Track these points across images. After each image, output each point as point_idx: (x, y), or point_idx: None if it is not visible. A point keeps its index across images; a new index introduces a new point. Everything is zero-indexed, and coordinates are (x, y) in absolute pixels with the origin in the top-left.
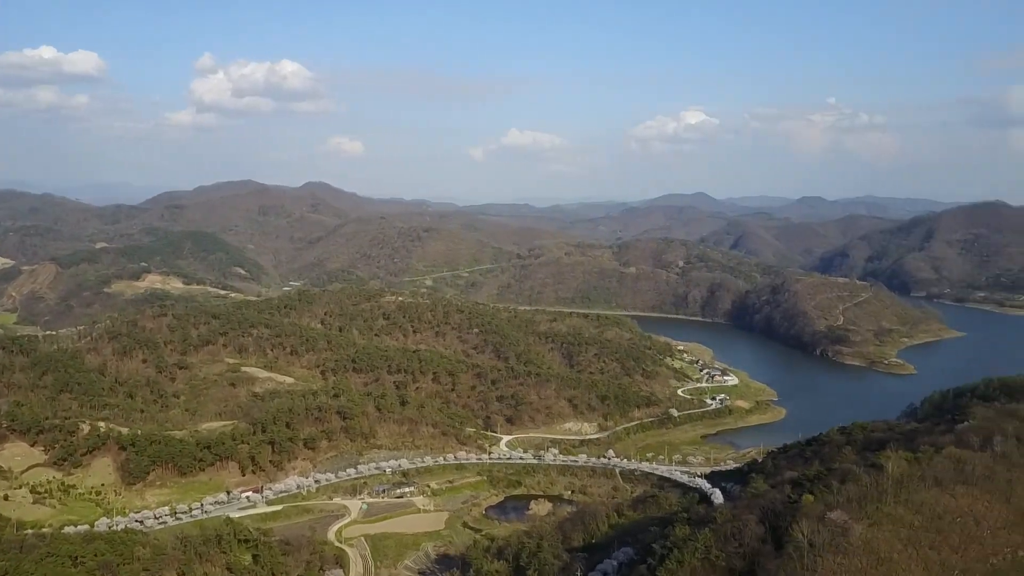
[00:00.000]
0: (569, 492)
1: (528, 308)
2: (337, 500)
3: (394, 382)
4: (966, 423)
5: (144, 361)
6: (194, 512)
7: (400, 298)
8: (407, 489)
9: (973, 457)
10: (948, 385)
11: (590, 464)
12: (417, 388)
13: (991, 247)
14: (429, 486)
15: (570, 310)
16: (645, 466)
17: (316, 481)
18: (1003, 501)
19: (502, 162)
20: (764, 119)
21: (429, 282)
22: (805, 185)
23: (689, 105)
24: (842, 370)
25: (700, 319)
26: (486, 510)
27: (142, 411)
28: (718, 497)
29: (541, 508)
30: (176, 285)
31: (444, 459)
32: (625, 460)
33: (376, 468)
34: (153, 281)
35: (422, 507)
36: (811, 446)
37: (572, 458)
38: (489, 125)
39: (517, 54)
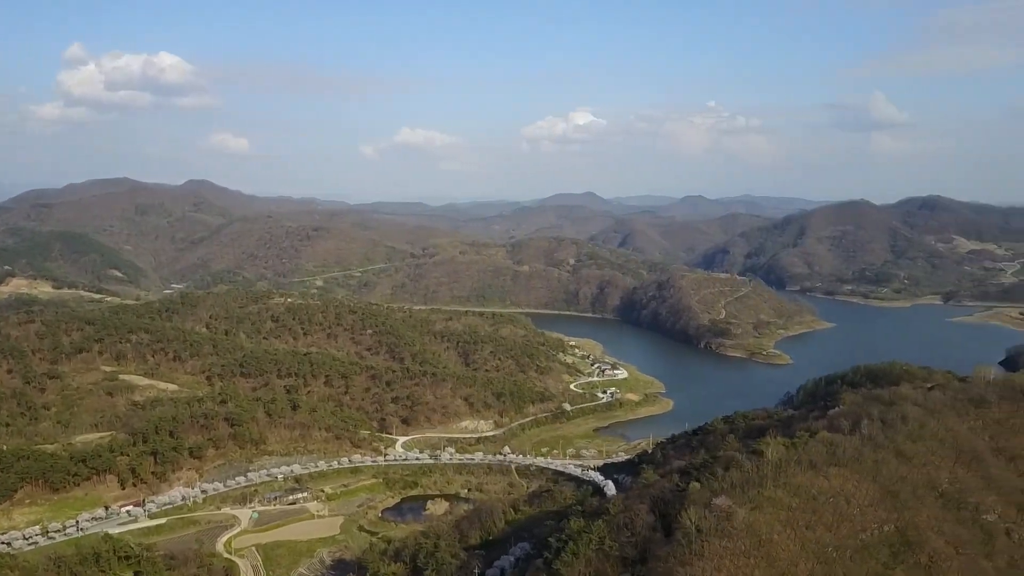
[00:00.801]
0: (466, 490)
1: (423, 308)
2: (226, 510)
3: (284, 386)
4: (837, 408)
5: (9, 371)
6: (69, 530)
7: (289, 299)
8: (300, 495)
9: (844, 440)
10: (821, 373)
11: (486, 462)
12: (309, 392)
13: (857, 243)
14: (323, 491)
15: (465, 309)
16: (540, 461)
17: (203, 491)
18: (871, 480)
19: (395, 160)
20: (649, 120)
21: (320, 283)
22: (688, 184)
23: (577, 106)
24: (725, 362)
25: (591, 315)
26: (382, 512)
27: (7, 425)
28: (611, 489)
29: (438, 508)
30: (45, 289)
31: (338, 463)
32: (521, 456)
33: (267, 475)
34: (18, 285)
35: (316, 513)
36: (697, 436)
37: (468, 456)
38: (382, 123)
39: (411, 52)
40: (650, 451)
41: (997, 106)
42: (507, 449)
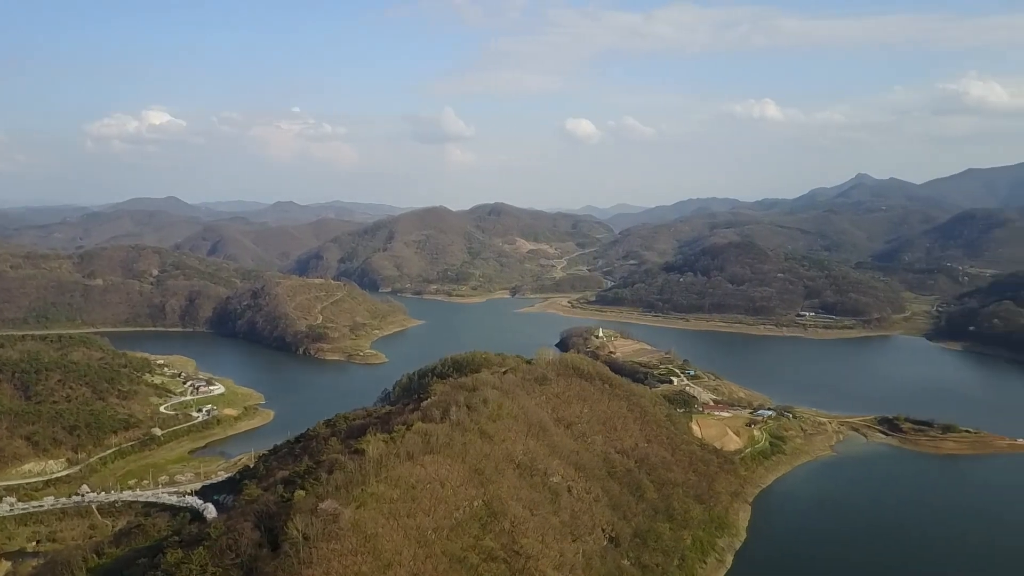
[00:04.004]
0: (34, 543)
1: None
2: None
3: None
4: (429, 400)
5: None
6: None
7: None
8: None
9: (436, 429)
10: (414, 368)
11: (59, 506)
12: None
13: (439, 246)
14: None
15: (22, 332)
16: (127, 495)
17: None
18: (461, 462)
19: None
20: (234, 124)
21: None
22: (279, 190)
23: (151, 104)
24: (324, 366)
25: (180, 329)
26: None
27: None
28: (211, 512)
29: None
30: None
31: None
32: (103, 493)
33: None
34: None
35: None
36: (300, 443)
37: (36, 503)
38: None
39: None
40: (252, 465)
41: (546, 126)
42: (85, 488)
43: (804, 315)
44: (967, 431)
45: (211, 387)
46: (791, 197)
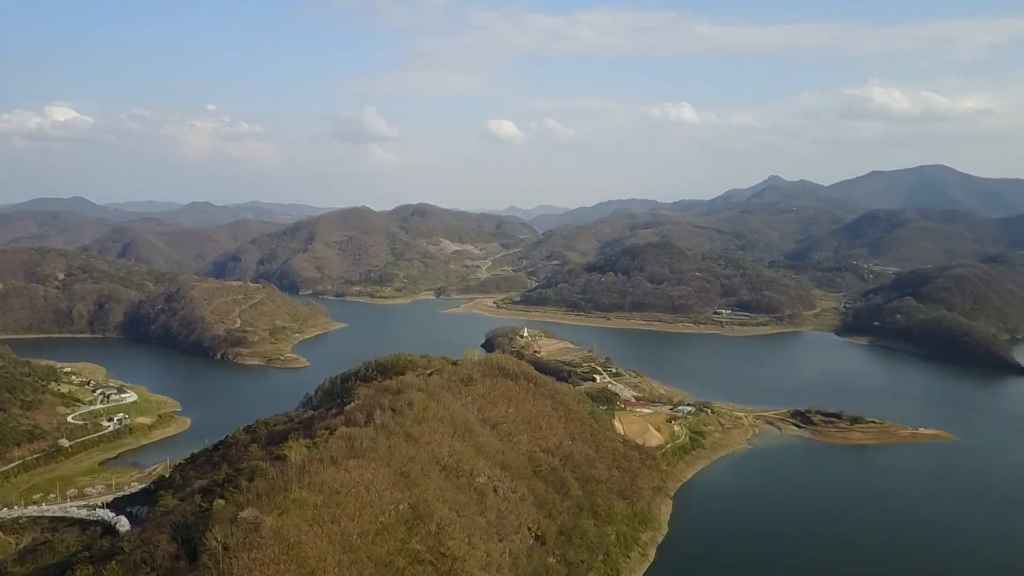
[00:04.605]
0: None
1: None
2: None
3: None
4: (353, 403)
5: None
6: None
7: None
8: None
9: (360, 432)
10: (337, 372)
11: None
12: None
13: (361, 247)
14: None
15: None
16: (32, 510)
17: None
18: (386, 465)
19: None
20: (145, 122)
21: None
22: (194, 191)
23: (55, 100)
24: (244, 371)
25: (89, 335)
26: None
27: None
28: (124, 525)
29: None
30: None
31: None
32: (5, 509)
33: None
34: None
35: None
36: (219, 451)
37: None
38: None
39: None
40: (168, 475)
41: (470, 127)
42: None
43: (721, 313)
44: (873, 422)
45: (123, 395)
46: (707, 198)
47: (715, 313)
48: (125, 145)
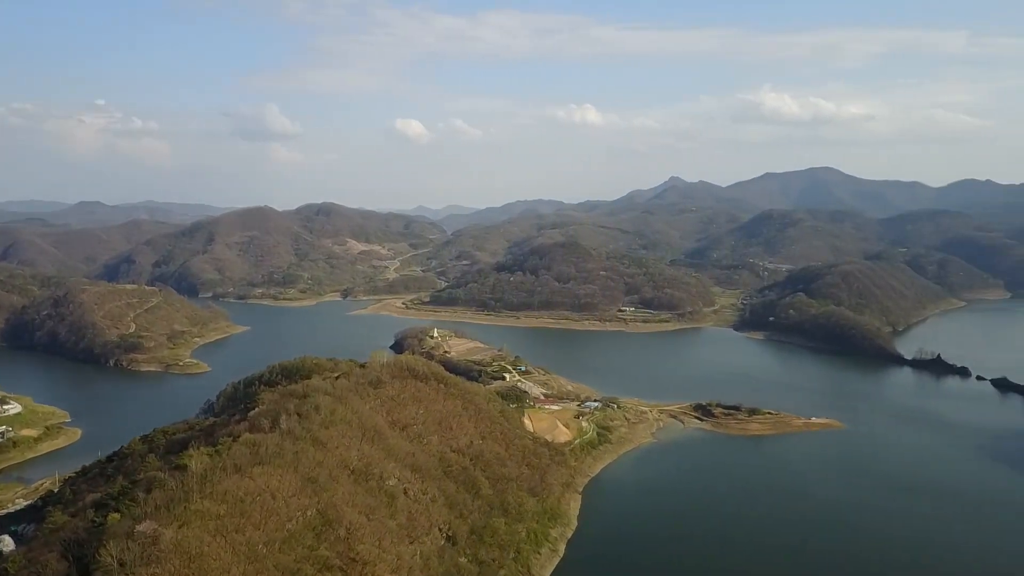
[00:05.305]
0: None
1: None
2: None
3: None
4: (257, 409)
5: None
6: None
7: None
8: None
9: (266, 439)
10: (239, 377)
11: None
12: None
13: (264, 248)
14: None
15: None
16: None
17: None
18: (293, 471)
19: None
20: (28, 116)
21: None
22: (83, 190)
23: None
24: (139, 378)
25: None
26: None
27: None
28: (8, 544)
29: None
30: None
31: None
32: None
33: None
34: None
35: None
36: (113, 462)
37: None
38: None
39: None
40: (57, 490)
41: (376, 126)
42: None
43: (625, 310)
44: (769, 413)
45: (5, 406)
46: (611, 199)
47: (619, 311)
48: (5, 141)
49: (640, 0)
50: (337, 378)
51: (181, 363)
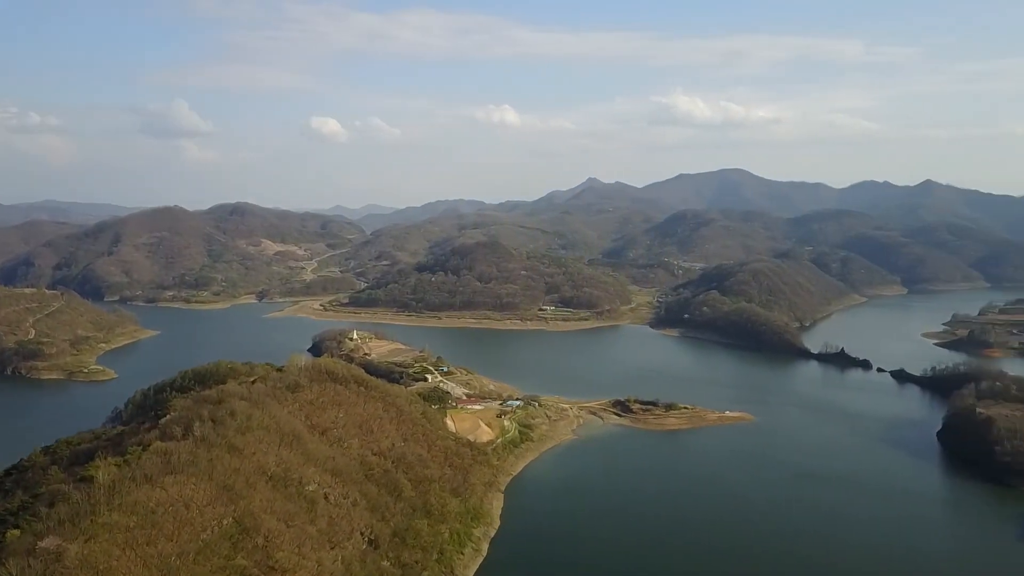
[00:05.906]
0: None
1: None
2: None
3: None
4: (168, 416)
5: None
6: None
7: None
8: None
9: (178, 447)
10: (149, 383)
11: None
12: None
13: (174, 249)
14: None
15: None
16: None
17: None
18: (207, 480)
19: None
20: None
21: None
22: None
23: None
24: (40, 386)
25: None
26: None
27: None
28: None
29: None
30: None
31: None
32: None
33: None
34: None
35: None
36: (11, 476)
37: None
38: None
39: None
40: None
41: (291, 124)
42: None
43: (545, 309)
44: (685, 408)
45: None
46: (531, 199)
47: (540, 310)
48: None
49: (555, 3)
50: (253, 382)
51: (86, 370)
